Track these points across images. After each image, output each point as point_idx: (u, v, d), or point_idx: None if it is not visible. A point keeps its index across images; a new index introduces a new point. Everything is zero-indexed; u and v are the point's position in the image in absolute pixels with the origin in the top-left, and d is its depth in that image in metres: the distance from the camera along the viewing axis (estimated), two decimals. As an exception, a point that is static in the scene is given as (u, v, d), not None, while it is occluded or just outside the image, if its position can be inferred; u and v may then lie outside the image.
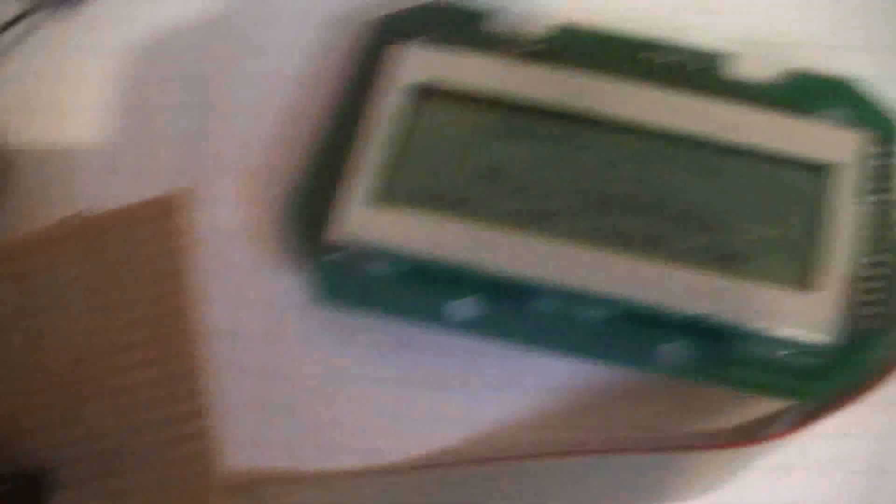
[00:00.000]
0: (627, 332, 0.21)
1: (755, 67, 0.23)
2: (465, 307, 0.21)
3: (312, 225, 0.22)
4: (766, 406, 0.21)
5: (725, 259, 0.21)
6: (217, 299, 0.22)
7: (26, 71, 0.25)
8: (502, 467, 0.21)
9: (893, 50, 0.24)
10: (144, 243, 0.20)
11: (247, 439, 0.22)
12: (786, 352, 0.20)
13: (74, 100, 0.24)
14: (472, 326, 0.21)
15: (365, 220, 0.21)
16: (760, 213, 0.21)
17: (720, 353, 0.21)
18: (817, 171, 0.21)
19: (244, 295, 0.23)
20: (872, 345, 0.20)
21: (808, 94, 0.22)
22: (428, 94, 0.22)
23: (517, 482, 0.21)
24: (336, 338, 0.22)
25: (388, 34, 0.23)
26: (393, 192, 0.22)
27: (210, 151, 0.23)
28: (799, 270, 0.21)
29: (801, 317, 0.20)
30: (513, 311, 0.21)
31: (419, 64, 0.23)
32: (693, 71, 0.23)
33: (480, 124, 0.22)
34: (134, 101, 0.24)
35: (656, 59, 0.23)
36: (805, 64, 0.23)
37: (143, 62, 0.24)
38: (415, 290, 0.21)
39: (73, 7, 0.25)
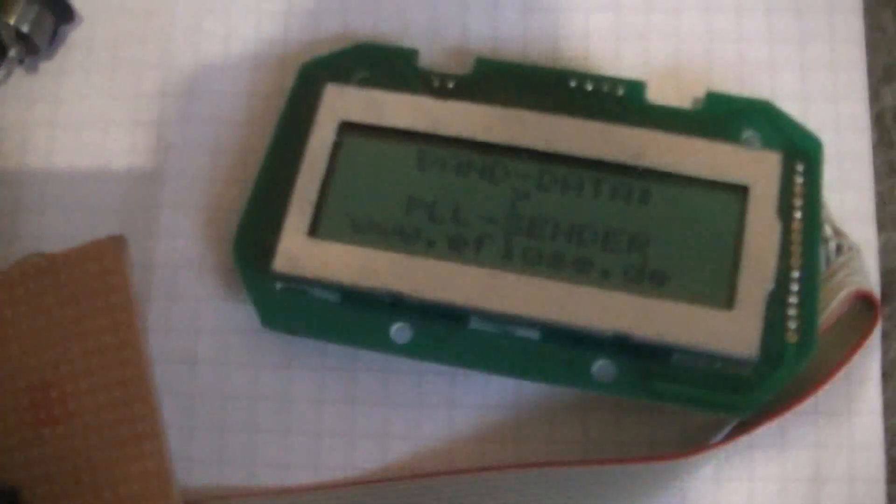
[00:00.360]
0: (560, 352, 0.22)
1: (673, 93, 0.23)
2: (401, 332, 0.22)
3: (258, 257, 0.23)
4: (701, 419, 0.22)
5: (651, 279, 0.21)
6: (173, 326, 0.24)
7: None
8: (445, 482, 0.22)
9: (811, 68, 0.24)
10: (88, 282, 0.21)
11: (206, 458, 0.23)
12: (712, 367, 0.21)
13: (40, 149, 0.26)
14: (411, 350, 0.22)
15: (302, 252, 0.22)
16: (684, 234, 0.22)
17: (650, 370, 0.21)
18: (738, 192, 0.22)
19: (197, 322, 0.24)
20: (796, 359, 0.21)
21: (727, 116, 0.23)
22: (351, 130, 0.23)
23: (460, 496, 0.22)
24: (284, 361, 0.23)
25: (319, 75, 0.24)
26: (327, 225, 0.22)
27: (166, 189, 0.25)
28: (722, 289, 0.21)
29: (724, 334, 0.21)
30: (448, 334, 0.22)
31: (342, 102, 0.23)
32: (611, 99, 0.23)
33: (404, 157, 0.23)
34: (94, 142, 0.25)
35: (574, 88, 0.23)
36: (723, 87, 0.23)
37: (105, 111, 0.26)
38: (353, 316, 0.22)
39: (43, 59, 0.26)
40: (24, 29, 0.25)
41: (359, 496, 0.22)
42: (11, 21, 0.25)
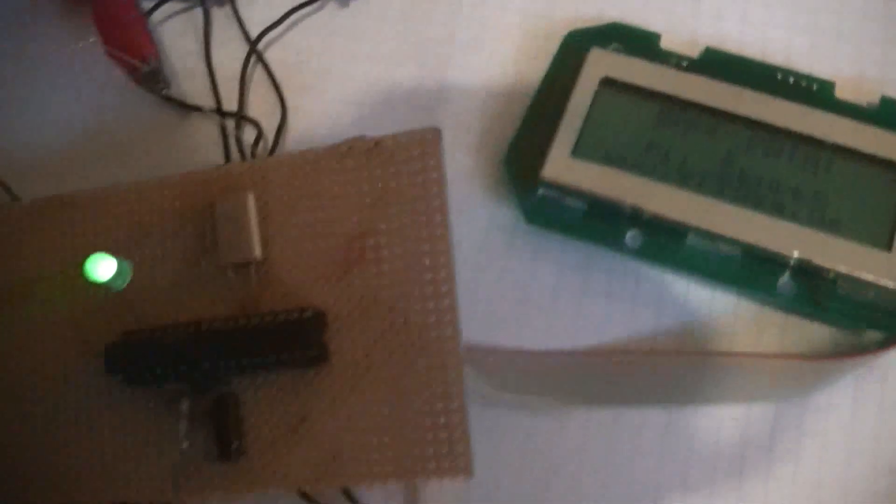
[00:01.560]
0: (755, 268, 0.28)
1: (854, 94, 0.30)
2: (634, 238, 0.29)
3: (525, 170, 0.30)
4: (849, 339, 0.28)
5: (829, 223, 0.28)
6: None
7: (309, 41, 0.34)
8: (646, 359, 0.28)
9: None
10: (409, 160, 0.27)
11: (463, 321, 0.28)
12: (867, 296, 0.28)
13: (344, 68, 0.33)
14: (639, 253, 0.29)
15: (565, 167, 0.29)
16: (856, 196, 0.28)
17: (821, 290, 0.28)
18: (900, 169, 0.29)
19: (467, 218, 0.30)
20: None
21: (895, 115, 0.30)
22: (609, 84, 0.30)
23: (655, 373, 0.28)
24: (531, 254, 0.30)
25: (580, 43, 0.31)
26: (584, 150, 0.29)
27: (450, 113, 0.32)
28: (883, 235, 0.28)
29: (882, 269, 0.27)
30: (670, 245, 0.28)
31: (604, 63, 0.30)
32: (807, 91, 0.30)
33: (648, 111, 0.30)
34: (390, 75, 0.32)
35: (780, 80, 0.30)
36: (891, 94, 0.30)
37: (399, 47, 0.33)
38: (597, 221, 0.29)
39: None
40: None
41: (576, 364, 0.29)
42: None
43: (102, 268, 0.26)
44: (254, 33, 0.34)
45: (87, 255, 0.28)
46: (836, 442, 0.28)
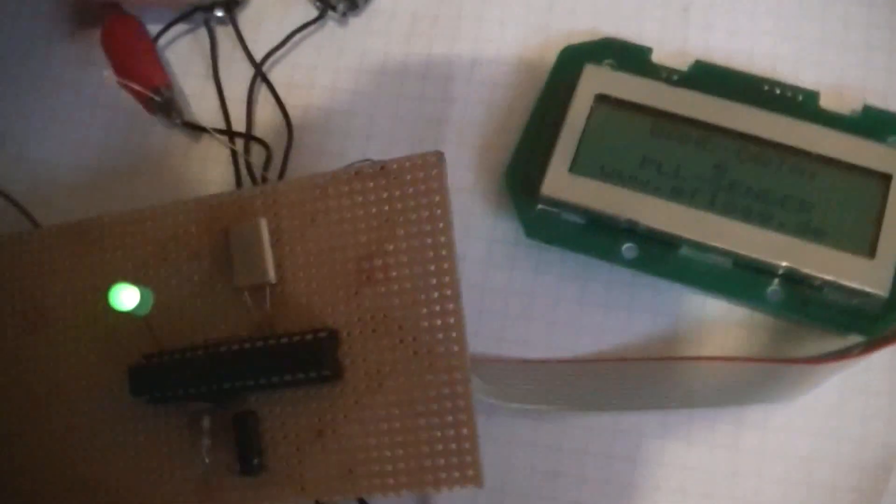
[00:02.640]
0: (744, 277, 0.30)
1: (837, 103, 0.31)
2: (630, 250, 0.30)
3: (522, 184, 0.31)
4: (835, 342, 0.30)
5: (814, 232, 0.29)
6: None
7: (312, 61, 0.35)
8: (644, 365, 0.30)
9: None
10: (414, 183, 0.28)
11: (468, 333, 0.29)
12: (851, 301, 0.29)
13: (347, 85, 0.34)
14: (635, 264, 0.30)
15: (564, 183, 0.30)
16: (841, 204, 0.30)
17: (808, 297, 0.29)
18: (883, 178, 0.29)
19: (470, 232, 0.32)
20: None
21: (877, 124, 0.31)
22: (603, 100, 0.31)
23: (654, 376, 0.30)
24: (532, 266, 0.31)
25: (575, 58, 0.32)
26: (582, 166, 0.30)
27: (451, 130, 0.33)
28: (866, 243, 0.29)
29: (865, 276, 0.29)
30: (664, 256, 0.30)
31: (598, 80, 0.31)
32: (792, 102, 0.31)
33: (642, 125, 0.31)
34: (392, 91, 0.33)
35: (766, 91, 0.32)
36: (876, 103, 0.31)
37: (401, 64, 0.34)
38: (595, 235, 0.30)
39: (355, 15, 0.35)
40: None
41: (577, 371, 0.30)
42: None
43: (126, 297, 0.28)
44: (258, 53, 0.35)
45: (106, 280, 0.29)
46: (824, 441, 0.29)
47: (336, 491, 0.27)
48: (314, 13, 0.35)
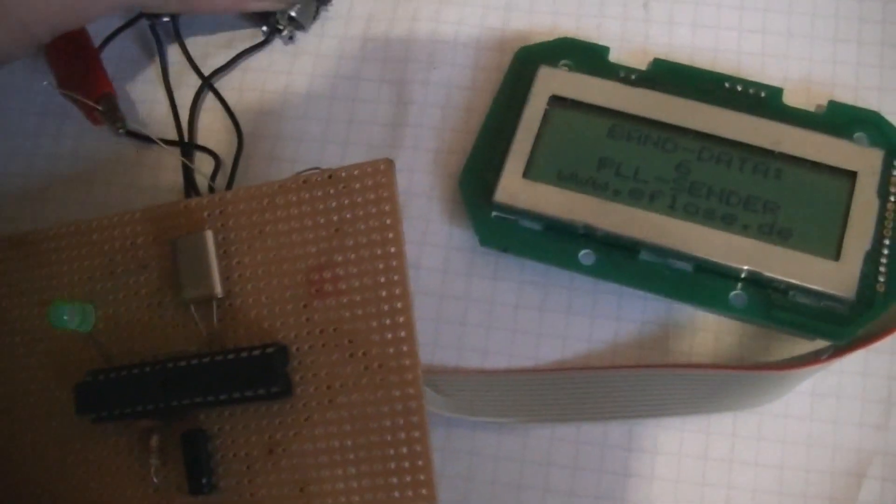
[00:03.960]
0: (707, 282, 0.29)
1: (803, 99, 0.30)
2: (587, 256, 0.29)
3: (478, 190, 0.30)
4: (805, 346, 0.29)
5: (779, 234, 0.28)
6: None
7: (264, 64, 0.34)
8: (608, 374, 0.29)
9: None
10: (363, 191, 0.27)
11: (423, 342, 0.29)
12: (818, 304, 0.28)
13: (300, 90, 0.33)
14: (593, 270, 0.29)
15: (518, 189, 0.29)
16: (806, 203, 0.29)
17: (773, 301, 0.28)
18: (848, 176, 0.29)
19: (427, 239, 0.31)
20: (882, 304, 0.28)
21: (843, 121, 0.30)
22: (558, 102, 0.30)
23: (620, 385, 0.29)
24: (490, 273, 0.31)
25: (531, 59, 0.31)
26: (536, 171, 0.30)
27: (408, 134, 0.32)
28: (832, 245, 0.28)
29: (831, 279, 0.28)
30: (623, 261, 0.29)
31: (552, 81, 0.31)
32: (756, 99, 0.30)
33: (599, 127, 0.30)
34: (347, 95, 0.33)
35: (728, 89, 0.31)
36: (842, 99, 0.30)
37: (356, 68, 0.33)
38: (551, 241, 0.29)
39: (302, 32, 0.34)
40: (293, 13, 0.33)
41: (540, 381, 0.29)
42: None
43: (65, 315, 0.27)
44: (206, 63, 0.34)
45: (53, 293, 0.29)
46: (795, 448, 0.29)
47: (289, 510, 0.27)
48: (261, 37, 0.34)
